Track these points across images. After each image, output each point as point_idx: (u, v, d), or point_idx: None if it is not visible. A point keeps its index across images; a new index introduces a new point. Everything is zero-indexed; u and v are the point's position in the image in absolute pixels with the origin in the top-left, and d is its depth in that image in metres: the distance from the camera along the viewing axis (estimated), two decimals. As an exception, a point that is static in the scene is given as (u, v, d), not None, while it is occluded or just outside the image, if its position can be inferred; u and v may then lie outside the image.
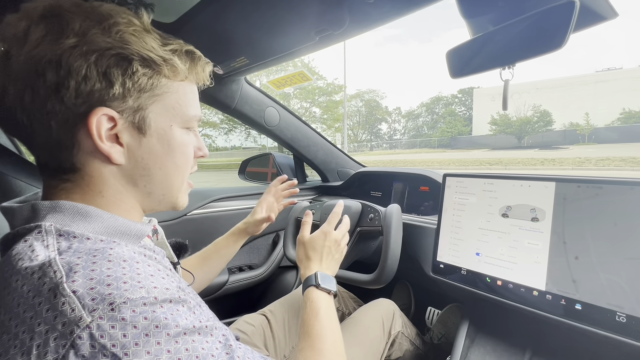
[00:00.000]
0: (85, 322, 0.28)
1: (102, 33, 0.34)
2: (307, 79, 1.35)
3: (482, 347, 0.76)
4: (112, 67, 0.34)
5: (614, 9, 0.51)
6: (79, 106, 0.34)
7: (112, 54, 0.34)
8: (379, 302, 0.92)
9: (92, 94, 0.34)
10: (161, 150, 0.40)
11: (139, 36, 0.36)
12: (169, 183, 0.43)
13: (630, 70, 30.34)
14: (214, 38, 0.80)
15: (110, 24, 0.34)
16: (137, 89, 0.36)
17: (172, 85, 0.39)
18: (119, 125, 0.36)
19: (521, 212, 0.69)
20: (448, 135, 37.09)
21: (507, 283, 0.69)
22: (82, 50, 0.33)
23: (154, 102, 0.38)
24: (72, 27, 0.33)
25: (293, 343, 0.89)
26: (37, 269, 0.30)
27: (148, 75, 0.37)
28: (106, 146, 0.36)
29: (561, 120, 27.97)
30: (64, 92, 0.33)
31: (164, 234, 0.53)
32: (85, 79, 0.33)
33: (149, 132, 0.39)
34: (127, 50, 0.35)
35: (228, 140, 19.65)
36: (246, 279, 1.20)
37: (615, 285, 0.56)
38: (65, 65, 0.32)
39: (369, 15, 0.67)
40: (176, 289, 0.34)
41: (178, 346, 0.30)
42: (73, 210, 0.36)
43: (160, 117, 0.39)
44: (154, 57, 0.37)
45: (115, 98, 0.35)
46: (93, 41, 0.33)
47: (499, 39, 0.56)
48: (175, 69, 0.39)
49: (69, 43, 0.32)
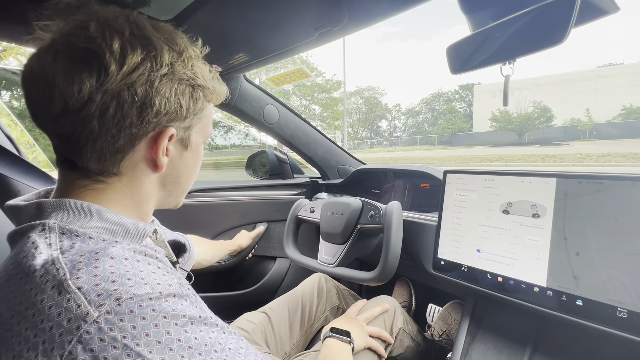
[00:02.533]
0: (92, 317, 0.28)
1: (183, 66, 0.39)
2: (307, 76, 1.35)
3: (483, 344, 0.76)
4: (186, 94, 0.40)
5: (615, 3, 0.51)
6: (152, 124, 0.38)
7: (188, 84, 0.40)
8: (381, 299, 0.92)
9: (166, 115, 0.39)
10: (192, 162, 0.47)
11: (202, 68, 0.42)
12: (186, 188, 0.49)
13: (632, 66, 30.18)
14: (212, 35, 0.79)
15: (187, 57, 0.40)
16: (193, 112, 0.42)
17: (209, 108, 0.46)
18: (172, 141, 0.41)
19: (522, 209, 0.69)
20: (448, 132, 37.00)
21: (508, 279, 0.69)
22: (169, 79, 0.38)
23: (198, 122, 0.44)
24: (164, 59, 0.37)
25: (294, 340, 0.90)
26: (40, 267, 0.31)
27: (203, 101, 0.43)
28: (164, 159, 0.41)
29: (562, 116, 27.83)
30: (148, 111, 0.37)
31: (163, 234, 0.54)
32: (167, 102, 0.38)
33: (189, 147, 0.45)
34: (197, 81, 0.41)
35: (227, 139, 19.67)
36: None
37: (616, 280, 0.56)
38: (155, 90, 0.37)
39: (368, 11, 0.66)
40: (178, 285, 0.35)
41: (187, 335, 0.32)
42: (77, 208, 0.36)
43: (197, 135, 0.45)
44: (209, 87, 0.43)
45: (179, 118, 0.40)
46: (178, 72, 0.39)
47: (499, 34, 0.55)
48: (217, 95, 0.46)
49: (162, 72, 0.37)
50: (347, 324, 0.76)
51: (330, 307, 1.02)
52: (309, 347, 0.93)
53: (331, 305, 1.02)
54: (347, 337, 0.71)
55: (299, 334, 0.91)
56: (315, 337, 0.96)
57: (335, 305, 1.03)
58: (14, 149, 0.91)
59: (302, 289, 1.01)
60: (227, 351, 0.34)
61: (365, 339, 0.76)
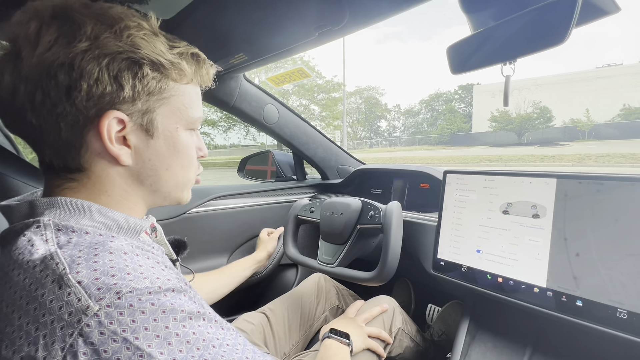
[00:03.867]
0: (92, 310, 0.28)
1: (113, 37, 0.34)
2: (306, 76, 1.35)
3: (483, 344, 0.76)
4: (123, 70, 0.35)
5: (616, 3, 0.51)
6: (89, 109, 0.34)
7: (124, 57, 0.34)
8: (380, 299, 0.92)
9: (103, 97, 0.34)
10: (167, 152, 0.41)
11: (148, 40, 0.36)
12: (174, 182, 0.44)
13: (631, 66, 30.24)
14: (212, 34, 0.79)
15: (122, 28, 0.35)
16: (146, 92, 0.37)
17: (178, 88, 0.40)
18: (127, 128, 0.37)
19: (522, 209, 0.69)
20: (448, 132, 37.05)
21: (508, 280, 0.69)
22: (94, 54, 0.33)
23: (161, 105, 0.39)
24: (85, 31, 0.33)
25: (293, 341, 0.89)
26: (39, 262, 0.31)
27: (157, 78, 0.37)
28: (115, 148, 0.37)
29: (561, 116, 27.87)
30: (76, 94, 0.33)
31: (162, 232, 0.53)
32: (97, 83, 0.34)
33: (156, 134, 0.40)
34: (138, 54, 0.35)
35: (227, 138, 19.61)
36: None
37: (616, 281, 0.56)
38: (78, 69, 0.33)
39: (369, 10, 0.66)
40: (177, 280, 0.35)
41: (186, 330, 0.32)
42: (71, 205, 0.36)
43: (166, 120, 0.40)
44: (163, 61, 0.37)
45: (125, 101, 0.36)
46: (105, 45, 0.34)
47: (500, 34, 0.55)
48: (183, 73, 0.40)
49: (82, 47, 0.33)
50: (346, 325, 0.76)
51: (330, 307, 1.01)
52: (308, 347, 0.93)
53: (331, 306, 1.02)
54: (346, 339, 0.71)
55: (298, 334, 0.91)
56: (314, 337, 0.96)
57: (335, 305, 1.03)
58: (12, 149, 0.91)
59: (302, 289, 1.00)
60: (225, 347, 0.34)
61: (364, 340, 0.76)
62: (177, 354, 0.30)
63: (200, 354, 0.31)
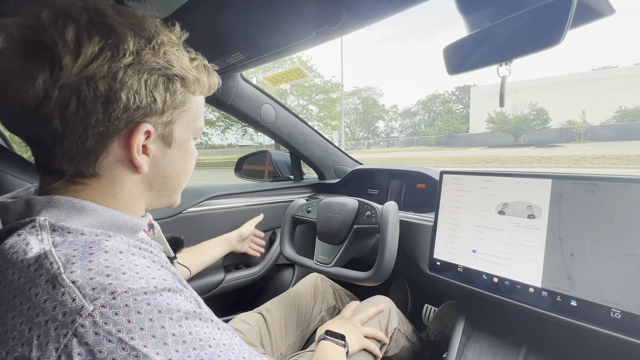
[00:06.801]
0: (87, 310, 0.28)
1: (152, 54, 0.36)
2: (304, 76, 1.34)
3: (479, 344, 0.76)
4: (159, 85, 0.36)
5: (611, 5, 0.51)
6: (122, 120, 0.35)
7: (160, 74, 0.36)
8: (376, 299, 0.92)
9: (137, 110, 0.36)
10: (180, 160, 0.43)
11: (179, 55, 0.38)
12: (179, 188, 0.46)
13: (626, 69, 30.52)
14: (209, 33, 0.79)
15: (159, 44, 0.36)
16: (173, 106, 0.39)
17: (194, 100, 0.42)
18: (151, 138, 0.38)
19: (517, 209, 0.69)
20: (445, 133, 37.18)
21: (504, 280, 0.69)
22: (135, 69, 0.34)
23: (181, 117, 0.41)
24: (128, 46, 0.34)
25: (289, 341, 0.89)
26: (33, 261, 0.31)
27: (183, 92, 0.39)
28: (140, 158, 0.38)
29: (557, 118, 28.07)
30: (114, 106, 0.34)
31: (160, 229, 0.53)
32: (135, 96, 0.35)
33: (173, 144, 0.42)
34: (172, 70, 0.37)
35: (224, 138, 19.54)
36: (242, 277, 1.19)
37: (610, 281, 0.56)
38: (120, 82, 0.33)
39: (366, 10, 0.66)
40: (172, 280, 0.35)
41: (182, 329, 0.32)
42: (68, 204, 0.36)
43: (183, 130, 0.42)
44: (189, 76, 0.39)
45: (154, 113, 0.37)
46: (146, 61, 0.35)
47: (496, 34, 0.55)
48: (201, 86, 0.42)
49: (125, 62, 0.34)
50: (341, 326, 0.76)
51: (327, 307, 1.01)
52: (305, 347, 0.92)
53: (327, 306, 1.02)
54: (342, 341, 0.71)
55: (295, 334, 0.91)
56: (311, 337, 0.96)
57: (332, 306, 1.03)
58: (3, 143, 0.90)
59: (298, 289, 1.00)
60: (221, 346, 0.34)
61: (360, 341, 0.76)
62: (173, 354, 0.30)
63: (196, 354, 0.31)
